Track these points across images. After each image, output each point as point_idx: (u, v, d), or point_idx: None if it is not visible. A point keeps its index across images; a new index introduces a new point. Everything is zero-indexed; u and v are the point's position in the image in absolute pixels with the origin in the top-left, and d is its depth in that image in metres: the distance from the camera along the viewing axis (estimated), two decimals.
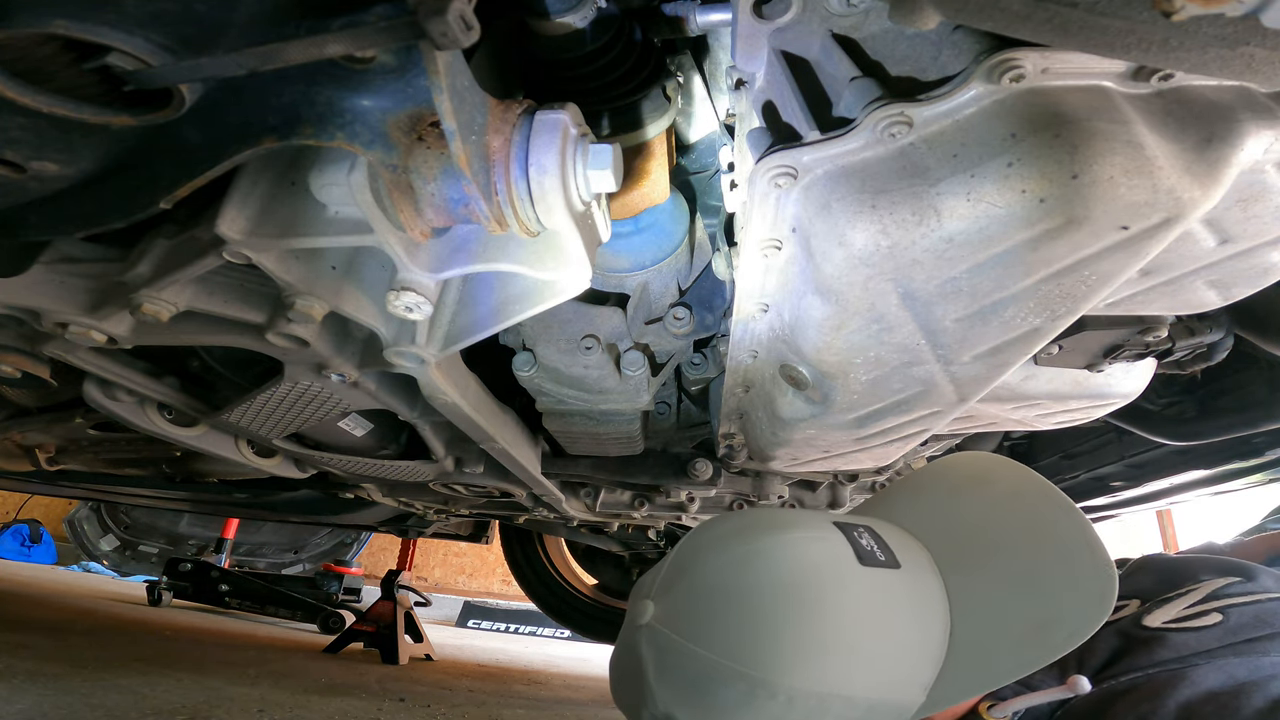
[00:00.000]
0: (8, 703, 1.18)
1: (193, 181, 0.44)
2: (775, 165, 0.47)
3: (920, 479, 0.76)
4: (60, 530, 4.91)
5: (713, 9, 0.58)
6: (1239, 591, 0.63)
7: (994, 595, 0.58)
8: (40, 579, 3.80)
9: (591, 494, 1.31)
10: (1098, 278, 0.49)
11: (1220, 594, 0.63)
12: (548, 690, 2.43)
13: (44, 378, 0.78)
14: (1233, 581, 0.64)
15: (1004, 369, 0.61)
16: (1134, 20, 0.31)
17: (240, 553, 4.69)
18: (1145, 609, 0.65)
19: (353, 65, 0.40)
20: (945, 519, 0.68)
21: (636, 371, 0.81)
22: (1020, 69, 0.42)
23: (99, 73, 0.38)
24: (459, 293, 0.63)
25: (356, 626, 2.78)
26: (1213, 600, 0.63)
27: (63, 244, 0.61)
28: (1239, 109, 0.44)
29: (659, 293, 0.82)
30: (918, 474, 0.77)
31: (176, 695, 1.43)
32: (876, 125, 0.44)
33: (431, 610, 4.25)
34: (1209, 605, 0.62)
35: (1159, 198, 0.42)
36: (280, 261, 0.53)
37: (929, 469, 0.77)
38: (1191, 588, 0.65)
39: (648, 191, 0.69)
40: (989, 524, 0.65)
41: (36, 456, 1.20)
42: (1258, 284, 0.58)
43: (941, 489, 0.72)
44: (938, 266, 0.47)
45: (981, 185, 0.43)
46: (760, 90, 0.55)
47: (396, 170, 0.45)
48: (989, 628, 0.57)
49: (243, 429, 0.87)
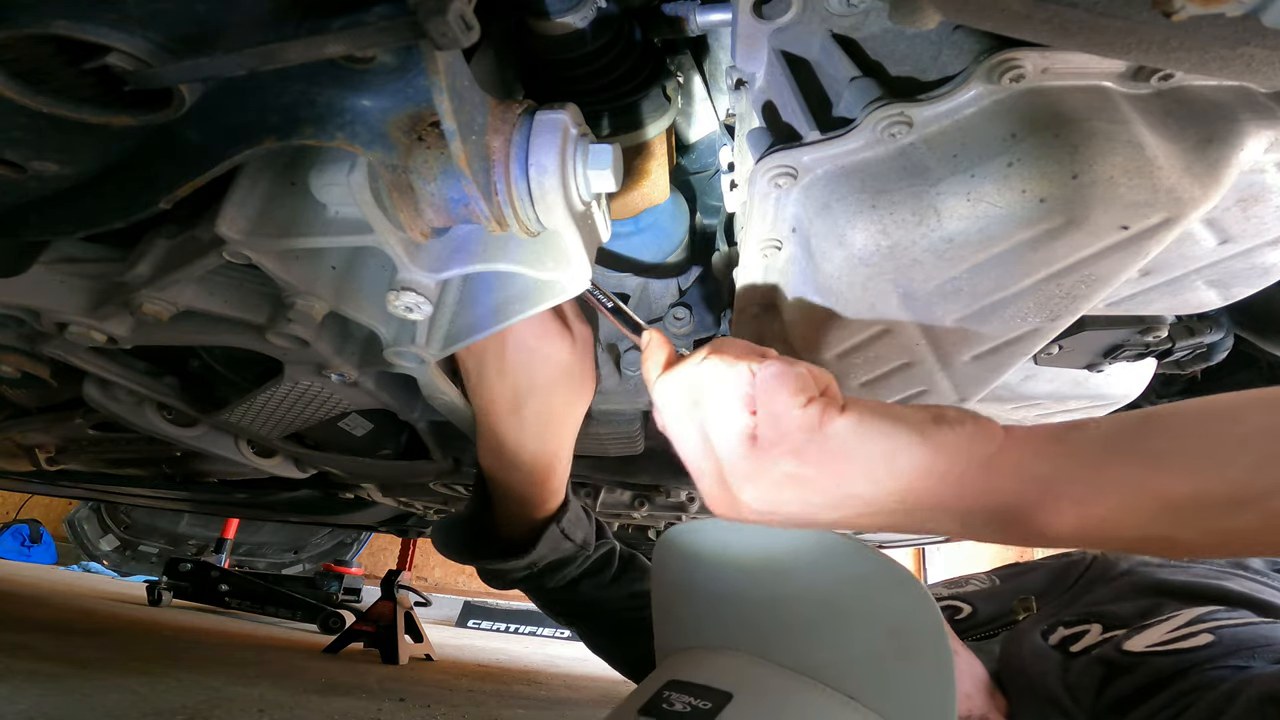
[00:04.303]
0: (8, 702, 1.18)
1: (193, 181, 0.44)
2: (775, 165, 0.47)
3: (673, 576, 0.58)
4: (60, 530, 4.91)
5: (713, 9, 0.58)
6: (1223, 617, 0.59)
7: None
8: (40, 579, 3.80)
9: (591, 494, 1.31)
10: (1098, 278, 0.49)
11: (1205, 619, 0.60)
12: (548, 690, 2.43)
13: (44, 378, 0.78)
14: (1214, 609, 0.61)
15: (1004, 369, 0.61)
16: (1134, 20, 0.31)
17: (240, 553, 4.68)
18: (1126, 635, 0.61)
19: (353, 65, 0.40)
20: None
21: (636, 372, 0.81)
22: (1020, 69, 0.42)
23: (99, 73, 0.38)
24: (459, 293, 0.63)
25: (356, 626, 2.78)
26: (1198, 624, 0.59)
27: (63, 244, 0.61)
28: (1239, 109, 0.44)
29: (659, 293, 0.82)
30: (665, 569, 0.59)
31: (176, 695, 1.43)
32: (876, 125, 0.44)
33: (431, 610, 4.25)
34: (1197, 628, 0.58)
35: (1159, 198, 0.42)
36: (280, 261, 0.53)
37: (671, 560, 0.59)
38: (1170, 615, 0.62)
39: (648, 191, 0.69)
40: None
41: (36, 456, 1.20)
42: (1258, 284, 0.58)
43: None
44: (938, 266, 0.47)
45: (981, 185, 0.43)
46: (760, 90, 0.55)
47: (396, 170, 0.45)
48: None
49: (243, 429, 0.87)
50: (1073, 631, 0.66)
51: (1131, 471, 0.35)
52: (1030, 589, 0.84)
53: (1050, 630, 0.68)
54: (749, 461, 0.42)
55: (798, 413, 0.40)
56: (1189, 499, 0.34)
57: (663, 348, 0.50)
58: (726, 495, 0.44)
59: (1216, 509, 0.33)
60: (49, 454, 1.20)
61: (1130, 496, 0.35)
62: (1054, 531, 0.37)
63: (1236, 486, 0.33)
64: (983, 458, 0.38)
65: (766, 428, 0.41)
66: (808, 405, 0.40)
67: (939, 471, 0.38)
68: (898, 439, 0.39)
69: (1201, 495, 0.34)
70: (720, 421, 0.43)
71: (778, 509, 0.42)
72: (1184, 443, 0.35)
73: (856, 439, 0.39)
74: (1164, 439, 0.36)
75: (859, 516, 0.41)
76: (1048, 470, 0.37)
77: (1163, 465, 0.35)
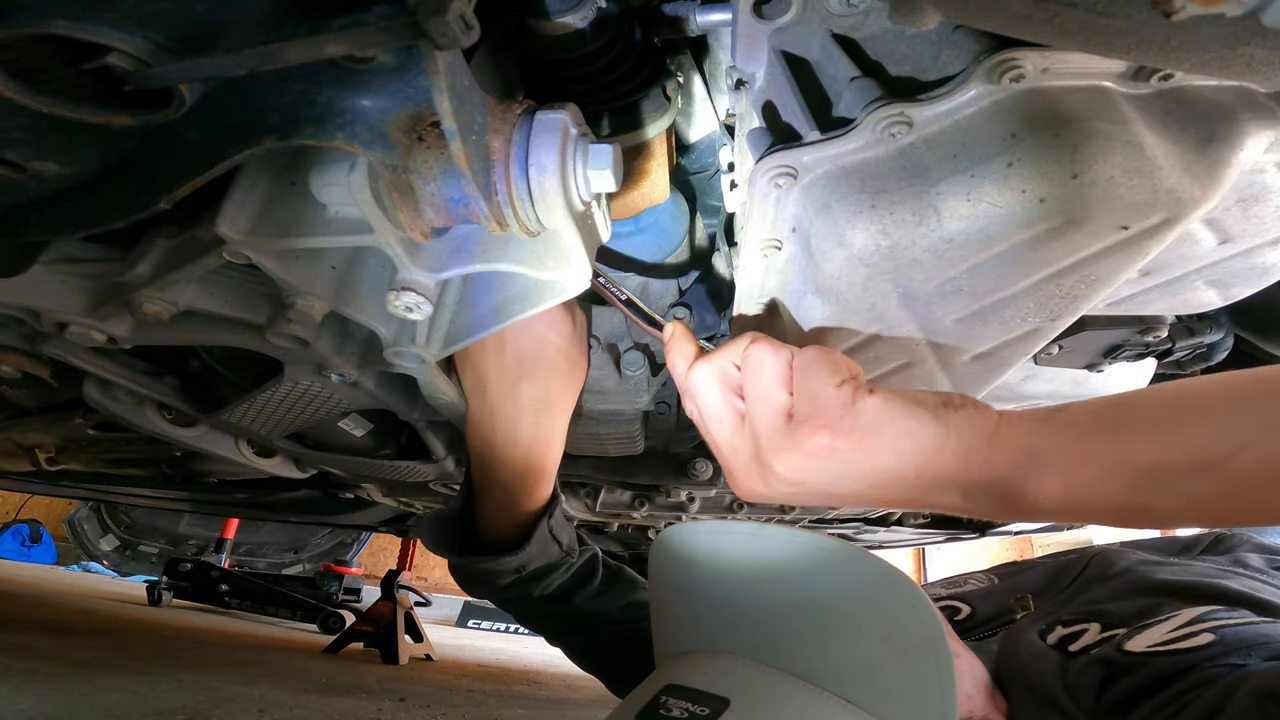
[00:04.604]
0: (8, 702, 1.18)
1: (193, 181, 0.44)
2: (775, 165, 0.47)
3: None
4: (60, 530, 4.91)
5: (713, 9, 0.58)
6: (1223, 617, 0.59)
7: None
8: (40, 579, 3.80)
9: (591, 494, 1.31)
10: (1098, 278, 0.49)
11: (1205, 618, 0.59)
12: (548, 690, 2.43)
13: (44, 378, 0.78)
14: (1214, 609, 0.61)
15: (1004, 369, 0.61)
16: (1134, 20, 0.31)
17: (240, 553, 4.68)
18: (1126, 635, 0.61)
19: (353, 65, 0.40)
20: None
21: (636, 371, 0.81)
22: (1020, 69, 0.42)
23: (99, 73, 0.38)
24: (459, 293, 0.63)
25: (356, 626, 2.78)
26: (1199, 624, 0.59)
27: (63, 244, 0.60)
28: (1239, 109, 0.44)
29: (659, 293, 0.82)
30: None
31: (176, 695, 1.42)
32: (876, 125, 0.44)
33: (431, 610, 4.25)
34: (1197, 628, 0.58)
35: (1159, 198, 0.42)
36: (280, 261, 0.53)
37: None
38: (1171, 614, 0.61)
39: (648, 191, 0.69)
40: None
41: (36, 456, 1.20)
42: (1258, 284, 0.58)
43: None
44: (938, 266, 0.47)
45: (981, 185, 0.43)
46: (760, 90, 0.55)
47: (396, 170, 0.45)
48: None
49: (243, 429, 0.87)
50: (1071, 630, 0.66)
51: (1106, 442, 0.40)
52: (1028, 588, 0.84)
53: (1048, 629, 0.68)
54: (786, 435, 0.45)
55: (833, 391, 0.44)
56: (1155, 465, 0.38)
57: (689, 339, 0.54)
58: (759, 468, 0.47)
59: (1181, 474, 0.37)
60: (49, 454, 1.20)
61: (1106, 465, 0.39)
62: (1041, 500, 0.41)
63: (1197, 452, 0.37)
64: (985, 436, 0.43)
65: (804, 404, 0.45)
66: (841, 385, 0.44)
67: (950, 448, 0.43)
68: (918, 418, 0.43)
69: (1165, 461, 0.37)
70: (764, 399, 0.46)
71: (808, 478, 0.46)
72: (1151, 416, 0.40)
73: (884, 417, 0.43)
74: (1134, 414, 0.40)
75: (879, 489, 0.45)
76: (1037, 444, 0.41)
77: (1132, 435, 0.39)
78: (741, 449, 0.49)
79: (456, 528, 0.78)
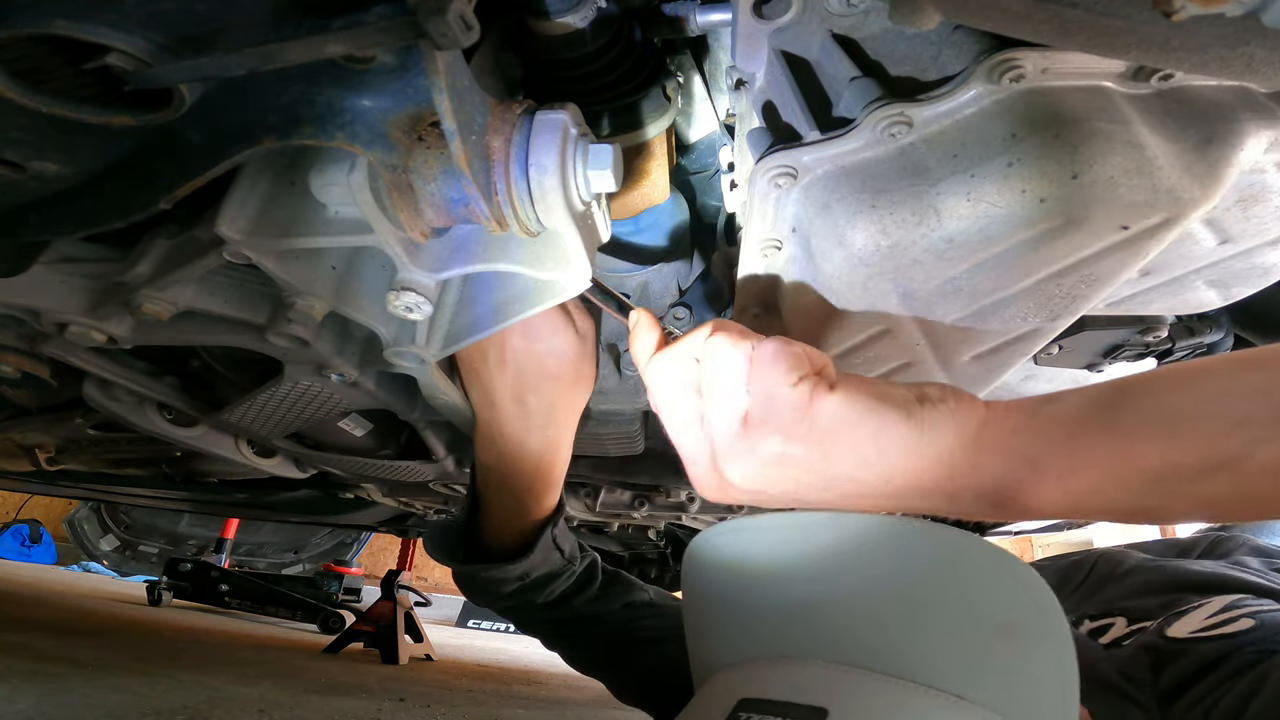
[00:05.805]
0: (8, 702, 1.18)
1: (193, 181, 0.44)
2: (775, 165, 0.47)
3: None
4: (60, 530, 4.91)
5: (713, 9, 0.58)
6: (1254, 604, 0.59)
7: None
8: (40, 579, 3.80)
9: (591, 494, 1.30)
10: (1098, 278, 0.49)
11: (1238, 605, 0.59)
12: (548, 690, 2.43)
13: (44, 378, 0.78)
14: (1242, 597, 0.61)
15: (1004, 369, 0.61)
16: (1134, 20, 0.31)
17: (240, 553, 4.68)
18: (1164, 622, 0.61)
19: (353, 65, 0.40)
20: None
21: (636, 371, 0.81)
22: (1020, 69, 0.42)
23: (99, 73, 0.38)
24: (459, 293, 0.63)
25: (356, 626, 2.78)
26: (1234, 609, 0.58)
27: (63, 244, 0.60)
28: (1239, 109, 0.44)
29: (659, 293, 0.82)
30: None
31: (176, 695, 1.42)
32: (876, 125, 0.44)
33: (431, 610, 4.24)
34: (1235, 613, 0.57)
35: (1159, 198, 0.42)
36: (280, 261, 0.53)
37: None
38: (1201, 602, 0.61)
39: (648, 191, 0.69)
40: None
41: (36, 456, 1.20)
42: (1258, 284, 0.58)
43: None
44: (938, 266, 0.47)
45: (981, 185, 0.43)
46: (760, 90, 0.55)
47: (396, 170, 0.45)
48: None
49: (243, 429, 0.87)
50: (1098, 625, 0.66)
51: (1106, 444, 0.35)
52: None
53: (1076, 624, 0.68)
54: (740, 441, 0.41)
55: (787, 391, 0.39)
56: (1165, 468, 0.34)
57: (652, 329, 0.49)
58: (715, 476, 0.43)
59: (1192, 476, 0.33)
60: (49, 454, 1.20)
61: (1110, 469, 0.35)
62: (1040, 506, 0.37)
63: (1208, 452, 0.33)
64: (969, 436, 0.38)
65: (758, 407, 0.40)
66: (799, 384, 0.39)
67: (924, 451, 0.38)
68: (884, 418, 0.38)
69: (1174, 463, 0.34)
70: (720, 400, 0.42)
71: (767, 488, 0.42)
72: (1155, 411, 0.35)
73: (843, 419, 0.39)
74: (1135, 409, 0.36)
75: (850, 497, 0.41)
76: (1029, 446, 0.37)
77: (1135, 435, 0.35)
78: (700, 455, 0.44)
79: (460, 536, 0.77)
